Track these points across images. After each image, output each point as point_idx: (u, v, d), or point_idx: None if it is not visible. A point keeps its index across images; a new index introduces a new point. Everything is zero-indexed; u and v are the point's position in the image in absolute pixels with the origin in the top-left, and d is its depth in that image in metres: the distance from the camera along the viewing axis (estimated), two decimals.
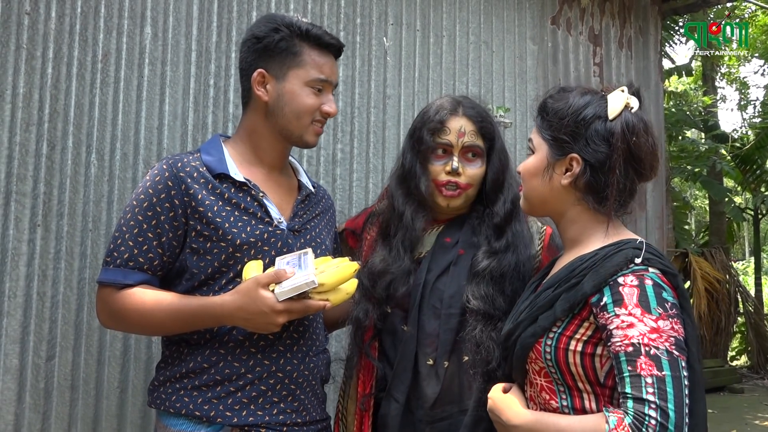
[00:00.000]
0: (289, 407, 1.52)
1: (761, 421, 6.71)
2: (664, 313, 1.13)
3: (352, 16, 2.55)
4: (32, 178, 1.90)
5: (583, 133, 1.26)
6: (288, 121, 1.56)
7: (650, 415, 1.05)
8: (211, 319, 1.43)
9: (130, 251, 1.47)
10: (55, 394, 1.90)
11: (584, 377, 1.20)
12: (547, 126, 1.32)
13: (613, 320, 1.14)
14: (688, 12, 4.17)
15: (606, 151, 1.25)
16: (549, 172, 1.30)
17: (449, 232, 1.67)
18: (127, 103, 2.07)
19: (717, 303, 8.88)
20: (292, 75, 1.55)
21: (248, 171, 1.58)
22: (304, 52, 1.56)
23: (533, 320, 1.26)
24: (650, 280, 1.16)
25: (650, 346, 1.10)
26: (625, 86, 1.30)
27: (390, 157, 2.58)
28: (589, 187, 1.27)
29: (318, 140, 1.63)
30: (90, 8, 2.02)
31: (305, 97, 1.55)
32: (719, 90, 13.49)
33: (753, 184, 10.56)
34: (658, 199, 3.53)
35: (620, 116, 1.25)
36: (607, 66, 3.26)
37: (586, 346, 1.19)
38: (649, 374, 1.08)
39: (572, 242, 1.33)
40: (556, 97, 1.33)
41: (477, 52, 2.86)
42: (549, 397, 1.26)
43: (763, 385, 8.87)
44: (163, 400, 1.50)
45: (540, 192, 1.33)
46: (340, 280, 1.42)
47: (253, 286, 1.37)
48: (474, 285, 1.55)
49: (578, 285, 1.21)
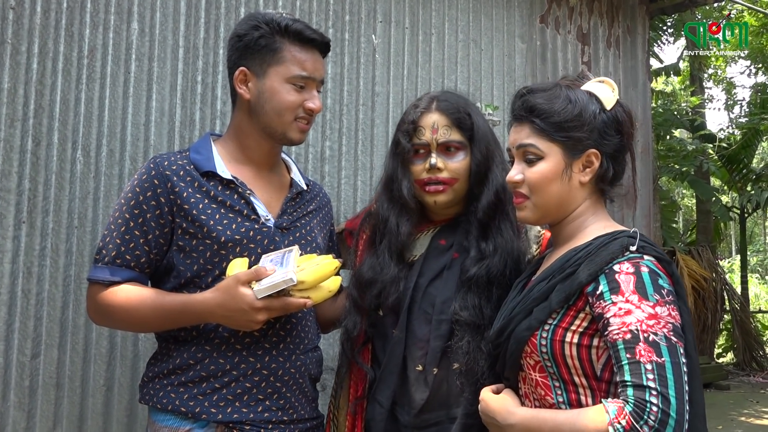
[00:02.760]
0: (274, 405, 1.51)
1: (747, 417, 6.78)
2: (661, 300, 1.13)
3: (341, 13, 2.55)
4: (17, 175, 1.88)
5: (597, 127, 1.28)
6: (270, 119, 1.56)
7: (651, 402, 1.04)
8: (193, 316, 1.44)
9: (117, 249, 1.49)
10: (40, 392, 1.88)
11: (580, 370, 1.19)
12: (555, 128, 1.28)
13: (610, 308, 1.13)
14: (675, 11, 4.21)
15: (619, 139, 1.30)
16: (568, 173, 1.29)
17: (444, 233, 1.63)
18: (114, 100, 2.05)
19: (704, 301, 8.96)
20: (272, 72, 1.54)
21: (236, 169, 1.58)
22: (284, 48, 1.54)
23: (528, 313, 1.25)
24: (646, 267, 1.17)
25: (649, 333, 1.09)
26: (601, 78, 1.34)
27: (378, 154, 2.59)
28: (605, 176, 1.30)
29: (304, 137, 1.62)
30: (76, 3, 2.00)
31: (285, 94, 1.54)
32: (706, 90, 13.60)
33: (739, 183, 10.66)
34: (646, 197, 3.56)
35: (617, 105, 1.30)
36: (595, 65, 3.28)
37: (582, 338, 1.18)
38: (649, 360, 1.07)
39: (568, 237, 1.33)
40: (546, 96, 1.31)
41: (466, 50, 2.87)
42: (545, 392, 1.24)
43: (749, 381, 8.97)
44: (152, 396, 1.51)
45: (559, 195, 1.30)
46: (320, 277, 1.41)
47: (233, 283, 1.38)
48: (462, 294, 1.51)
49: (573, 274, 1.20)
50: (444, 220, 1.65)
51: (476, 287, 1.50)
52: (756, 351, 9.74)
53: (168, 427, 1.47)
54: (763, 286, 18.73)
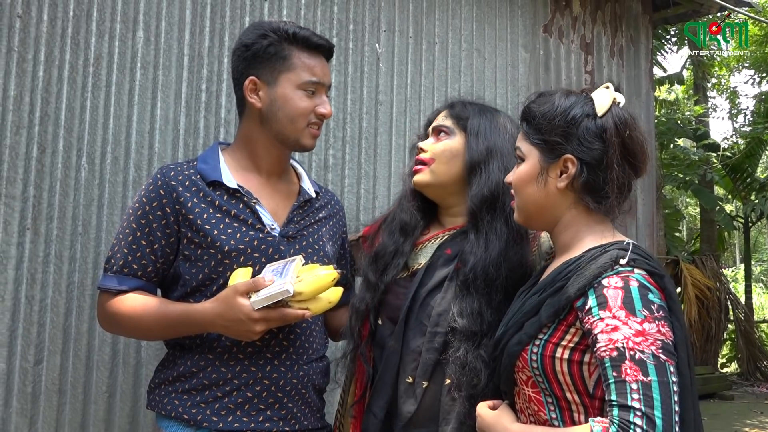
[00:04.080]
0: (276, 415, 1.51)
1: (751, 428, 6.74)
2: (650, 316, 1.09)
3: (345, 22, 2.56)
4: (22, 182, 1.89)
5: (575, 133, 1.23)
6: (283, 126, 1.56)
7: (635, 423, 1.00)
8: (194, 325, 1.45)
9: (125, 258, 1.51)
10: (42, 398, 1.88)
11: (572, 387, 1.16)
12: (535, 130, 1.28)
13: (597, 324, 1.09)
14: (678, 21, 4.22)
15: (601, 147, 1.22)
16: (543, 177, 1.27)
17: (452, 243, 1.58)
18: (119, 107, 2.06)
19: (707, 310, 8.93)
20: (283, 79, 1.55)
21: (244, 178, 1.59)
22: (294, 55, 1.55)
23: (519, 327, 1.22)
24: (635, 281, 1.12)
25: (635, 350, 1.05)
26: (609, 84, 1.30)
27: (382, 163, 2.59)
28: (587, 186, 1.24)
29: (315, 143, 1.62)
30: (82, 12, 2.02)
31: (298, 101, 1.55)
32: (710, 99, 13.60)
33: (743, 192, 10.65)
34: (649, 206, 3.56)
35: (609, 112, 1.24)
36: (598, 74, 3.29)
37: (573, 353, 1.15)
38: (634, 380, 1.03)
39: (564, 247, 1.30)
40: (539, 101, 1.31)
41: (469, 60, 2.88)
42: (537, 408, 1.21)
43: (753, 392, 8.92)
44: (157, 402, 1.53)
45: (535, 199, 1.29)
46: (318, 288, 1.41)
47: (231, 294, 1.38)
48: (460, 299, 1.47)
49: (563, 289, 1.17)
50: (454, 228, 1.62)
51: (474, 290, 1.46)
52: (760, 361, 9.68)
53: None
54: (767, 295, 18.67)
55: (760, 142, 10.18)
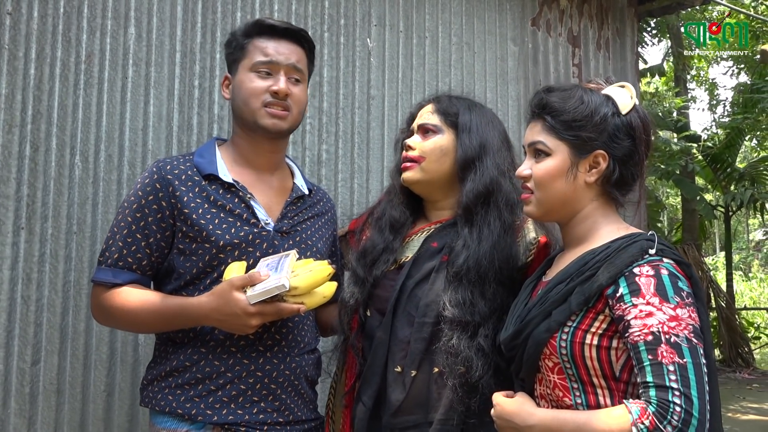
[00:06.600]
0: (269, 407, 1.53)
1: (733, 413, 6.87)
2: (682, 302, 1.15)
3: (336, 17, 2.56)
4: (15, 181, 1.87)
5: (607, 129, 1.29)
6: (241, 111, 1.61)
7: (675, 402, 1.06)
8: (189, 319, 1.47)
9: (119, 251, 1.52)
10: (40, 398, 1.87)
11: (600, 372, 1.20)
12: (565, 126, 1.31)
13: (630, 310, 1.15)
14: (663, 14, 4.26)
15: (630, 144, 1.30)
16: (573, 172, 1.31)
17: (437, 236, 1.62)
18: (112, 105, 2.05)
19: None
20: (240, 67, 1.62)
21: (238, 173, 1.61)
22: (250, 43, 1.62)
23: (547, 315, 1.25)
24: (666, 270, 1.18)
25: (670, 334, 1.11)
26: (624, 83, 1.35)
27: (374, 157, 2.60)
28: (616, 181, 1.31)
29: (280, 124, 1.59)
30: (73, 8, 2.00)
31: (248, 82, 1.59)
32: (689, 91, 13.75)
33: (723, 182, 10.80)
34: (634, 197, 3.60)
35: (634, 110, 1.31)
36: (585, 67, 3.32)
37: (601, 340, 1.20)
38: (671, 362, 1.09)
39: (579, 239, 1.34)
40: (559, 96, 1.33)
41: (459, 53, 2.89)
42: (562, 394, 1.25)
43: (735, 377, 9.08)
44: (151, 398, 1.53)
45: (563, 193, 1.32)
46: (314, 283, 1.42)
47: (227, 288, 1.40)
48: (452, 290, 1.49)
49: (593, 277, 1.22)
50: (440, 221, 1.65)
51: (467, 281, 1.49)
52: (741, 347, 9.84)
53: (167, 429, 1.49)
54: (747, 283, 18.98)
55: (739, 132, 10.32)
